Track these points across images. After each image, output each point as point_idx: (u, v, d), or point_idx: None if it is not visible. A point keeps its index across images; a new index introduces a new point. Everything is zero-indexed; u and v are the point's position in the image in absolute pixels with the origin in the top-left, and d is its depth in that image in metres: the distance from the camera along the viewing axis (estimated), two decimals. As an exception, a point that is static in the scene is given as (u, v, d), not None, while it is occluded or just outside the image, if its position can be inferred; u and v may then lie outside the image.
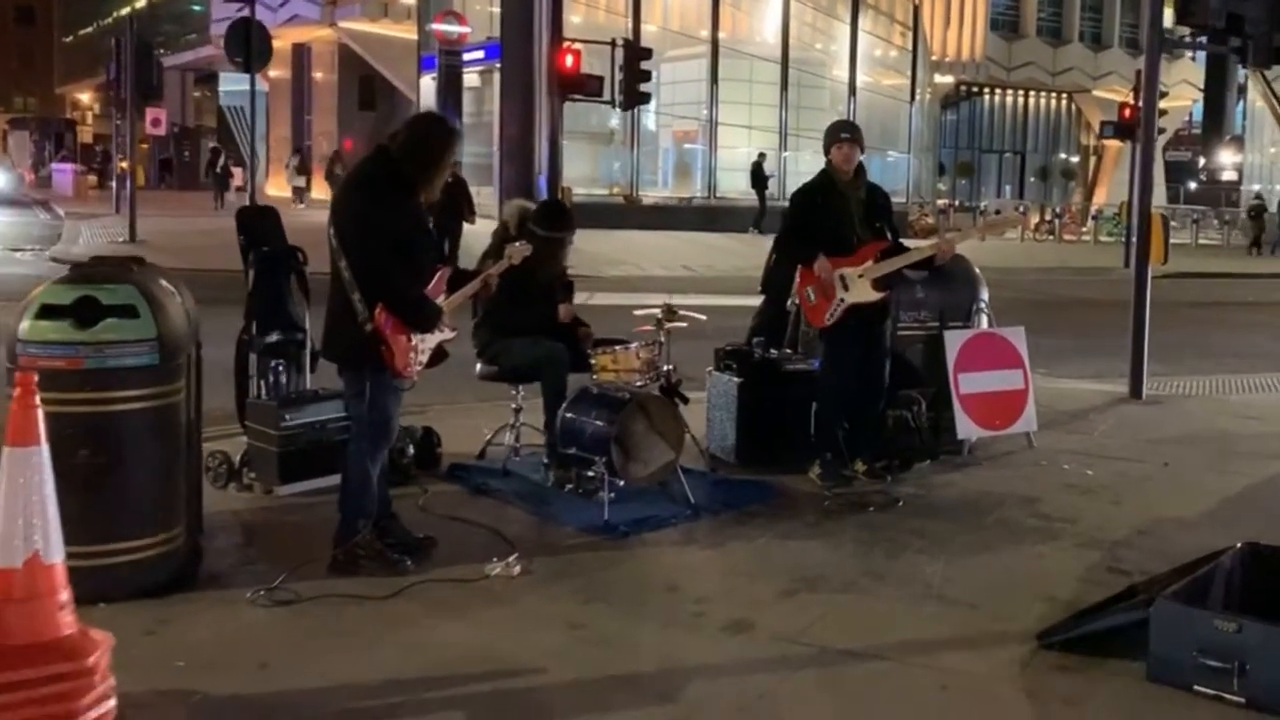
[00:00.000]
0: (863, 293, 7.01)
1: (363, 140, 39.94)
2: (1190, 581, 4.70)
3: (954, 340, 8.06)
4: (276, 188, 42.52)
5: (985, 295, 8.56)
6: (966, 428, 7.98)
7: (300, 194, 38.08)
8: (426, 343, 5.46)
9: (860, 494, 6.95)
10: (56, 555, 3.70)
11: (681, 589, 5.38)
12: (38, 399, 3.73)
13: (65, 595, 3.72)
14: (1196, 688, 4.28)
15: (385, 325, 5.23)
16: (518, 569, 5.44)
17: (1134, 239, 11.70)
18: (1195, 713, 4.21)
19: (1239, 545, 5.00)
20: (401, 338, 5.30)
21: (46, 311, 4.74)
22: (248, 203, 19.68)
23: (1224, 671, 4.23)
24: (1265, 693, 4.17)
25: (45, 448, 3.70)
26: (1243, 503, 7.14)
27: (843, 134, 7.17)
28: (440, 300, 5.54)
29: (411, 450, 6.99)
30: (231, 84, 49.74)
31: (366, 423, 5.42)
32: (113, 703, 3.79)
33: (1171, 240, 14.26)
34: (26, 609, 3.62)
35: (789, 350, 8.07)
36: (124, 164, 30.53)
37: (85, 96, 74.09)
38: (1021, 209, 38.48)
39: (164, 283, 5.14)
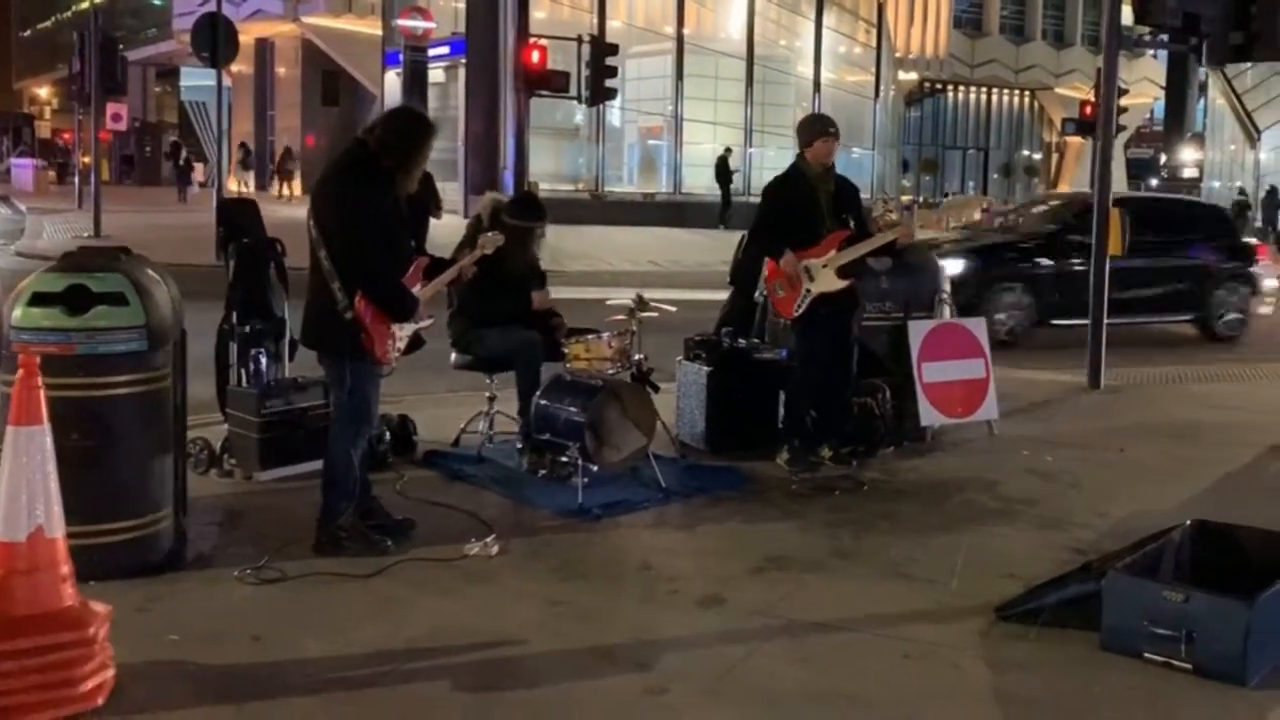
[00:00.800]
0: (828, 282, 7.18)
1: (326, 136, 39.85)
2: (1141, 555, 4.92)
3: (917, 330, 8.25)
4: (237, 182, 42.38)
5: (948, 287, 8.77)
6: (929, 415, 8.18)
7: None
8: (404, 330, 5.60)
9: (827, 479, 7.14)
10: (58, 530, 3.85)
11: (655, 567, 5.55)
12: (39, 380, 3.86)
13: (66, 568, 3.88)
14: (1146, 655, 4.50)
15: (365, 313, 5.36)
16: (495, 549, 5.60)
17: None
18: (1144, 677, 4.42)
19: (1188, 522, 5.24)
20: (381, 325, 5.43)
21: (38, 299, 4.86)
22: (214, 198, 19.68)
23: (1172, 639, 4.44)
24: (1211, 659, 4.39)
25: (47, 426, 3.84)
26: (1196, 486, 7.35)
27: (830, 129, 7.33)
28: (417, 288, 5.69)
29: (388, 437, 7.14)
30: (193, 79, 49.44)
31: (348, 408, 5.57)
32: (111, 672, 3.94)
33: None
34: (30, 581, 3.77)
35: (757, 340, 8.25)
36: (86, 159, 30.33)
37: (43, 91, 73.35)
38: (985, 204, 38.80)
39: (151, 272, 5.26)
